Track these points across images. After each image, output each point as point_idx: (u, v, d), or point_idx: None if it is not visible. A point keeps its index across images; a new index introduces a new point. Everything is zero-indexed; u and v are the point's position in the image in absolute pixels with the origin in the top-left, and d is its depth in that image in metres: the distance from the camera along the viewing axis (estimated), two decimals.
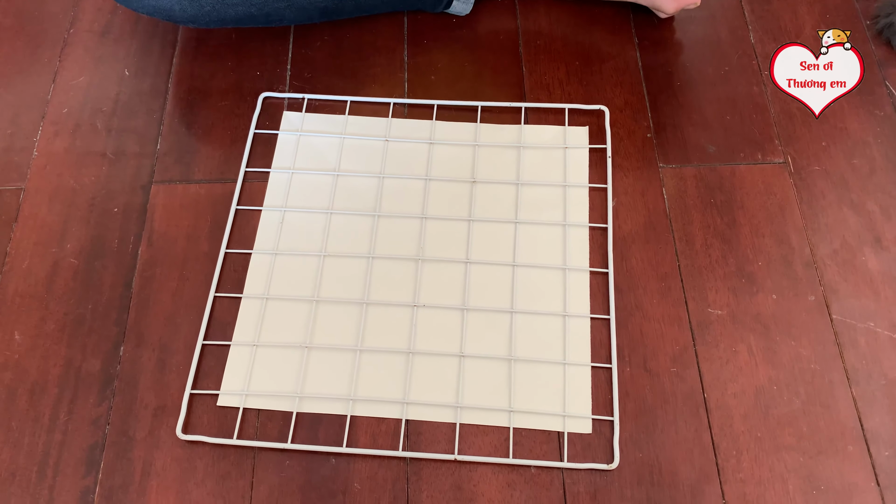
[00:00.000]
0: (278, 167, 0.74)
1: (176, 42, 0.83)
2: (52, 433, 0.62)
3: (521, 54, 0.81)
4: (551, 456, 0.60)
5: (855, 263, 0.68)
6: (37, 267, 0.70)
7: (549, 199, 0.72)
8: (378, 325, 0.66)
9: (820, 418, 0.62)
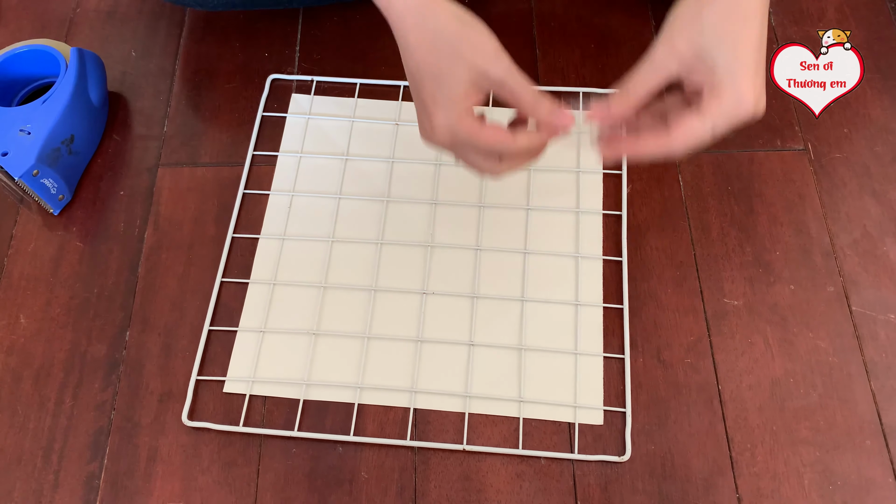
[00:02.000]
0: (286, 151, 0.73)
1: (183, 22, 0.82)
2: (57, 418, 0.62)
3: (535, 37, 0.80)
4: (561, 447, 0.59)
5: (876, 254, 0.67)
6: (42, 250, 0.69)
7: (561, 185, 0.70)
8: (387, 312, 0.65)
9: (837, 412, 0.60)
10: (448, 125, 0.48)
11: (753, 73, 0.45)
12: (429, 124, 0.49)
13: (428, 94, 0.48)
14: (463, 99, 0.47)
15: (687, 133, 0.46)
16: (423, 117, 0.50)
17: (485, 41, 0.48)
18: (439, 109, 0.47)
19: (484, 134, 0.48)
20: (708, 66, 0.45)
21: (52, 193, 0.69)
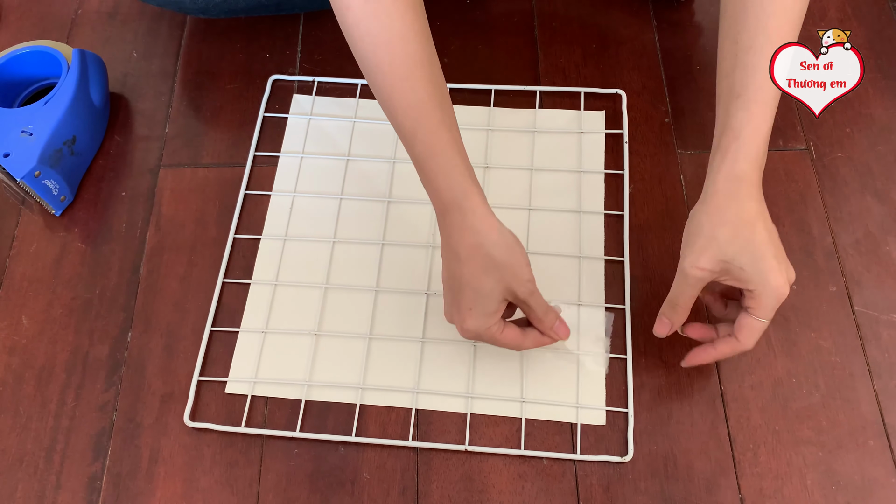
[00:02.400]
0: (288, 151, 0.73)
1: (184, 24, 0.82)
2: (59, 419, 0.62)
3: (536, 36, 0.80)
4: (564, 448, 0.59)
5: (878, 253, 0.66)
6: (44, 250, 0.69)
7: (563, 186, 0.70)
8: (389, 313, 0.65)
9: (840, 412, 0.60)
10: (476, 331, 0.55)
11: (776, 262, 0.52)
12: (459, 322, 0.55)
13: (465, 303, 0.54)
14: (494, 313, 0.55)
15: (750, 333, 0.54)
16: (453, 312, 0.56)
17: (523, 268, 0.55)
18: (473, 318, 0.54)
19: (503, 337, 0.56)
20: (736, 275, 0.53)
21: (54, 194, 0.69)
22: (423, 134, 0.54)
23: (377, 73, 0.54)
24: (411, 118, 0.54)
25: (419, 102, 0.54)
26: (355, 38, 0.54)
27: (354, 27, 0.54)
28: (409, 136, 0.54)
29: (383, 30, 0.53)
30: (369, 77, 0.55)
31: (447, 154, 0.54)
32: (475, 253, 0.53)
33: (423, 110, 0.54)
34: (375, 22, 0.53)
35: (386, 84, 0.54)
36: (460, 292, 0.54)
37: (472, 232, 0.53)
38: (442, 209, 0.54)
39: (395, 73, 0.53)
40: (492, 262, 0.53)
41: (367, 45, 0.54)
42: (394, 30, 0.53)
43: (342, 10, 0.54)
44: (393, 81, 0.54)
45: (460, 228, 0.53)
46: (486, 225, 0.54)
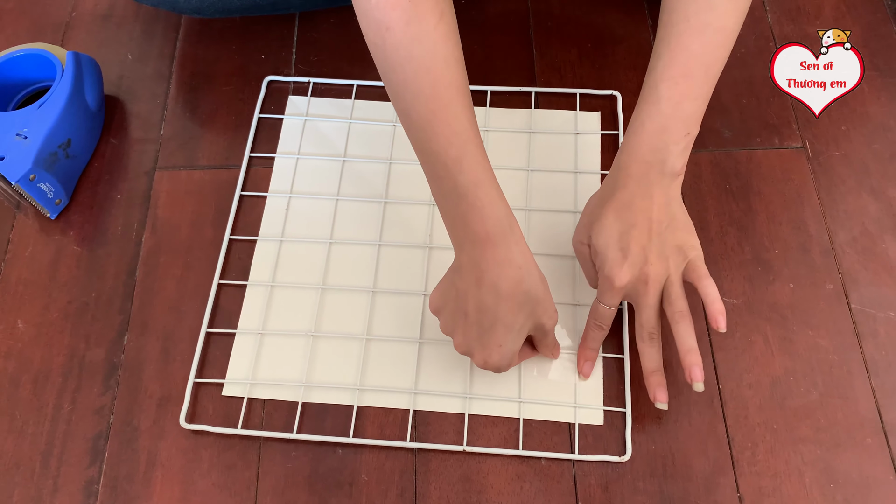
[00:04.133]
0: (283, 152, 0.73)
1: (179, 25, 0.82)
2: (55, 423, 0.61)
3: (532, 36, 0.80)
4: (562, 448, 0.59)
5: (875, 251, 0.66)
6: (40, 254, 0.69)
7: (560, 186, 0.70)
8: (386, 314, 0.65)
9: (838, 410, 0.60)
10: (499, 365, 0.56)
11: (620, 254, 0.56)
12: (484, 356, 0.55)
13: (496, 339, 0.54)
14: (518, 348, 0.56)
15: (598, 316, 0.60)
16: (475, 346, 0.55)
17: (550, 301, 0.56)
18: (501, 353, 0.55)
19: (514, 363, 0.58)
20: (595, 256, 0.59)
21: (49, 198, 0.69)
22: (469, 162, 0.52)
23: (419, 98, 0.52)
24: (456, 147, 0.52)
25: (464, 130, 0.52)
26: (395, 63, 0.51)
27: (394, 52, 0.51)
28: (453, 165, 0.52)
29: (426, 54, 0.51)
30: (407, 105, 0.52)
31: (493, 182, 0.53)
32: (516, 289, 0.52)
33: (467, 138, 0.52)
34: (419, 46, 0.51)
35: (427, 111, 0.52)
36: (492, 328, 0.54)
37: (515, 267, 0.52)
38: (481, 240, 0.52)
39: (439, 100, 0.51)
40: (528, 298, 0.53)
41: (410, 69, 0.51)
42: (437, 54, 0.51)
43: (381, 33, 0.51)
44: (436, 108, 0.52)
45: (502, 262, 0.52)
46: (528, 260, 0.53)
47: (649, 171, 0.55)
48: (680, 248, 0.56)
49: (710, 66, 0.55)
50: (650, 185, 0.56)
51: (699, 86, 0.55)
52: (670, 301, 0.56)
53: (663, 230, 0.56)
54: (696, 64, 0.55)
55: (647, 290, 0.56)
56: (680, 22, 0.54)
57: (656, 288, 0.56)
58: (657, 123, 0.55)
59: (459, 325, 0.55)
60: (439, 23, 0.51)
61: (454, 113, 0.52)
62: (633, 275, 0.56)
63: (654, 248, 0.55)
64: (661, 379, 0.58)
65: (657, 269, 0.56)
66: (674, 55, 0.55)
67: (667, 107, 0.55)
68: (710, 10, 0.54)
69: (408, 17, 0.50)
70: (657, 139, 0.55)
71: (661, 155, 0.55)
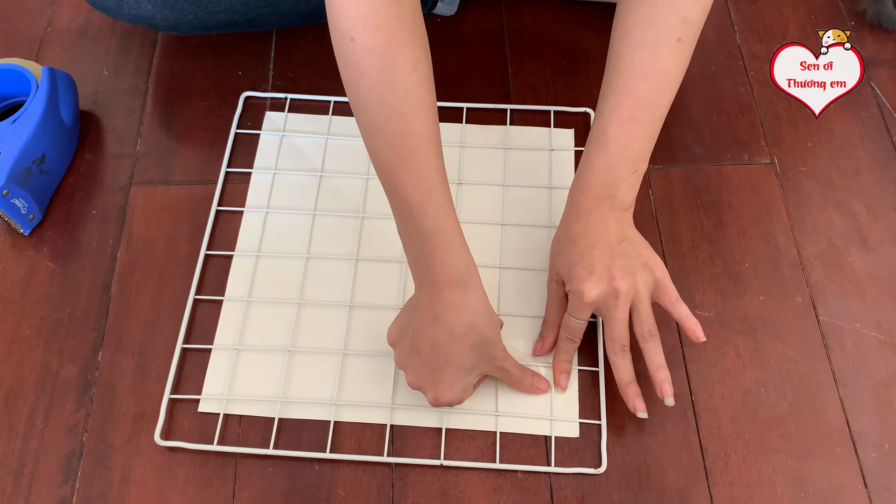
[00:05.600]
0: (260, 168, 0.73)
1: (156, 41, 0.82)
2: (27, 441, 0.61)
3: (507, 55, 0.81)
4: (538, 460, 0.60)
5: (841, 264, 0.68)
6: (12, 270, 0.68)
7: (535, 201, 0.71)
8: (363, 329, 0.65)
9: (807, 420, 0.61)
10: (451, 402, 0.58)
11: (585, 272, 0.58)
12: (435, 394, 0.57)
13: (447, 377, 0.56)
14: (471, 386, 0.58)
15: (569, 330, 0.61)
16: (427, 385, 0.57)
17: (500, 341, 0.58)
18: (452, 391, 0.57)
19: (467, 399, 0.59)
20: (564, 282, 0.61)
21: (23, 213, 0.68)
22: (433, 208, 0.53)
23: (388, 144, 0.53)
24: (421, 193, 0.53)
25: (430, 177, 0.53)
26: (367, 106, 0.52)
27: (368, 97, 0.52)
28: (418, 209, 0.53)
29: (399, 101, 0.51)
30: (378, 148, 0.54)
31: (454, 229, 0.55)
32: (469, 331, 0.55)
33: (433, 185, 0.53)
34: (391, 93, 0.51)
35: (396, 156, 0.53)
36: (444, 368, 0.56)
37: (471, 311, 0.55)
38: (440, 283, 0.54)
39: (408, 146, 0.53)
40: (481, 339, 0.56)
41: (381, 114, 0.52)
42: (410, 102, 0.52)
43: (355, 77, 0.52)
44: (404, 154, 0.53)
45: (458, 306, 0.54)
46: (482, 305, 0.56)
47: (601, 205, 0.58)
48: (645, 264, 0.58)
49: (656, 109, 0.57)
50: (604, 215, 0.58)
51: (645, 128, 0.57)
52: (640, 320, 0.58)
53: (625, 249, 0.58)
54: (641, 108, 0.57)
55: (616, 304, 0.57)
56: (626, 68, 0.57)
57: (626, 303, 0.58)
58: (606, 163, 0.58)
59: (413, 361, 0.57)
60: (413, 70, 0.51)
61: (421, 160, 0.53)
62: (601, 290, 0.57)
63: (618, 265, 0.57)
64: (636, 389, 0.59)
65: (626, 284, 0.57)
66: (620, 99, 0.57)
67: (615, 148, 0.57)
68: (655, 57, 0.56)
69: (383, 64, 0.51)
70: (607, 176, 0.58)
71: (611, 190, 0.58)
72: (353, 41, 0.50)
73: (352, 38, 0.50)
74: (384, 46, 0.50)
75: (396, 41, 0.50)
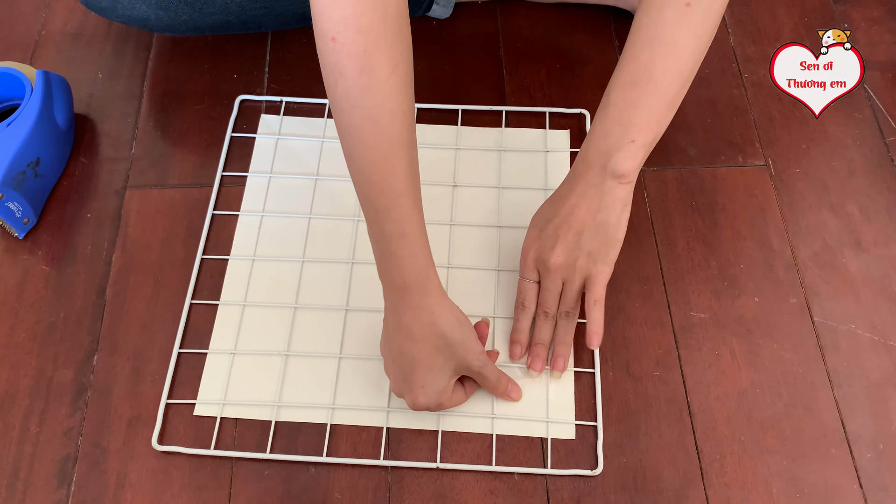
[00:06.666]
0: (256, 171, 0.73)
1: (150, 44, 0.82)
2: (22, 445, 0.60)
3: (502, 57, 0.81)
4: (535, 462, 0.60)
5: (836, 265, 0.68)
6: (7, 274, 0.68)
7: (530, 203, 0.71)
8: (359, 332, 0.65)
9: (803, 421, 0.61)
10: (428, 406, 0.58)
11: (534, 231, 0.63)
12: (411, 399, 0.58)
13: (417, 381, 0.57)
14: (445, 389, 0.58)
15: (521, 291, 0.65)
16: (403, 389, 0.58)
17: (473, 341, 0.58)
18: (425, 395, 0.57)
19: (451, 404, 0.60)
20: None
21: (17, 217, 0.68)
22: (397, 214, 0.54)
23: (360, 146, 0.53)
24: (388, 198, 0.53)
25: (398, 183, 0.53)
26: (344, 109, 0.52)
27: (344, 98, 0.52)
28: (382, 213, 0.54)
29: (374, 105, 0.51)
30: (350, 149, 0.53)
31: (416, 235, 0.55)
32: (429, 333, 0.56)
33: (400, 191, 0.53)
34: (367, 96, 0.51)
35: (367, 159, 0.53)
36: (413, 371, 0.57)
37: (428, 312, 0.55)
38: (398, 287, 0.55)
39: (379, 150, 0.52)
40: (445, 341, 0.56)
41: (355, 118, 0.52)
42: (385, 107, 0.51)
43: (334, 77, 0.51)
44: (375, 158, 0.53)
45: (416, 308, 0.55)
46: (441, 306, 0.56)
47: (590, 171, 0.59)
48: (591, 256, 0.60)
49: (660, 78, 0.56)
50: (588, 185, 0.59)
51: (646, 95, 0.57)
52: (563, 300, 0.62)
53: (584, 231, 0.59)
54: (643, 74, 0.56)
55: (548, 275, 0.61)
56: (633, 34, 0.57)
57: (557, 278, 0.61)
58: (603, 127, 0.58)
59: (389, 369, 0.59)
60: (392, 75, 0.51)
61: (391, 166, 0.53)
62: (538, 255, 0.61)
63: (566, 242, 0.60)
64: (542, 351, 0.63)
65: (559, 260, 0.60)
66: (624, 64, 0.57)
67: (613, 112, 0.58)
68: (661, 23, 0.56)
69: (361, 67, 0.50)
70: (601, 142, 0.58)
71: (602, 158, 0.58)
72: (333, 41, 0.50)
73: (333, 38, 0.50)
74: (364, 49, 0.50)
75: (377, 45, 0.50)
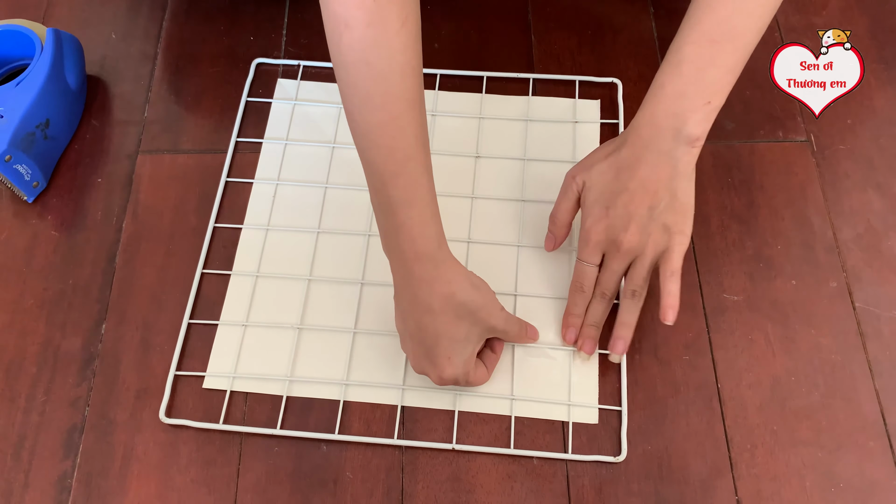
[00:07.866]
0: (271, 138, 0.71)
1: (166, 4, 0.79)
2: (28, 414, 0.59)
3: (530, 22, 0.77)
4: (555, 447, 0.57)
5: (880, 248, 0.65)
6: (15, 239, 0.66)
7: (557, 176, 0.68)
8: (375, 306, 0.62)
9: (840, 412, 0.58)
10: (455, 377, 0.55)
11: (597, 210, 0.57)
12: (437, 372, 0.55)
13: (443, 352, 0.54)
14: (471, 357, 0.55)
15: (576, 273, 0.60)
16: (426, 364, 0.55)
17: (493, 302, 0.56)
18: (452, 366, 0.54)
19: (476, 379, 0.57)
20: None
21: (26, 180, 0.66)
22: (405, 179, 0.50)
23: (366, 105, 0.49)
24: (396, 161, 0.50)
25: (407, 146, 0.50)
26: (349, 63, 0.48)
27: (350, 51, 0.48)
28: (390, 179, 0.50)
29: (382, 61, 0.47)
30: (355, 107, 0.50)
31: (426, 202, 0.51)
32: (449, 303, 0.52)
33: (409, 154, 0.50)
34: (376, 51, 0.47)
35: (373, 120, 0.49)
36: (436, 345, 0.54)
37: (444, 282, 0.52)
38: (410, 259, 0.51)
39: (386, 110, 0.49)
40: (466, 308, 0.53)
41: (362, 73, 0.48)
42: (394, 63, 0.48)
43: (339, 29, 0.48)
44: (382, 118, 0.49)
45: (431, 280, 0.52)
46: (456, 273, 0.53)
47: (661, 137, 0.54)
48: (667, 228, 0.55)
49: (740, 34, 0.52)
50: (659, 153, 0.54)
51: (726, 53, 0.52)
52: (631, 277, 0.57)
53: (657, 205, 0.54)
54: (723, 29, 0.52)
55: (616, 256, 0.57)
56: None
57: (626, 258, 0.56)
58: (676, 87, 0.53)
59: (408, 346, 0.56)
60: (401, 29, 0.47)
61: (400, 126, 0.49)
62: (608, 237, 0.56)
63: (639, 219, 0.55)
64: (595, 333, 0.59)
65: (634, 240, 0.55)
66: (700, 18, 0.52)
67: (689, 70, 0.52)
68: None
69: (369, 18, 0.47)
70: (675, 104, 0.53)
71: (676, 121, 0.53)
72: None
73: None
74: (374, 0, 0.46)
75: None
